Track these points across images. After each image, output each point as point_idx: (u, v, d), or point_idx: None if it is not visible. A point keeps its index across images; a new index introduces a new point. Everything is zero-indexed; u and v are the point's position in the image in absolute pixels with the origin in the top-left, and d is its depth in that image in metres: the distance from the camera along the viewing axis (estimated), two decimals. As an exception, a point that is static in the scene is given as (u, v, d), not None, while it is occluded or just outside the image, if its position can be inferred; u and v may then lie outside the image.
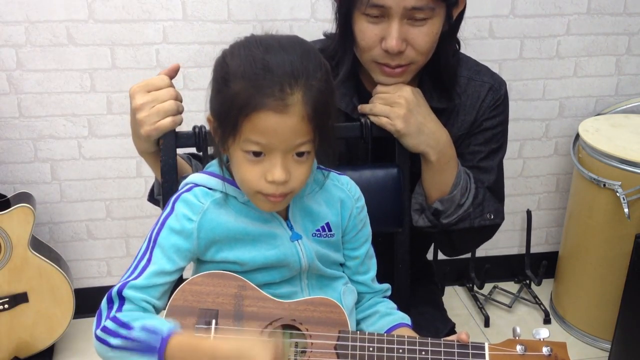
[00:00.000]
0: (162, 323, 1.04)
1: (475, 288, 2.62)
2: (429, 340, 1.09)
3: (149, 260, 1.08)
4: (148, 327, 1.03)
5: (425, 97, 1.37)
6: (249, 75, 1.00)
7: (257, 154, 1.03)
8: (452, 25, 1.36)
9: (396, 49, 1.26)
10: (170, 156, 1.30)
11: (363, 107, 1.37)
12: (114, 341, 1.03)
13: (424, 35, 1.28)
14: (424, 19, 1.27)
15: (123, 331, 1.03)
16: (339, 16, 1.35)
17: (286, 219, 1.15)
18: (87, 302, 2.26)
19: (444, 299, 2.42)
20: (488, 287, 2.64)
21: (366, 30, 1.29)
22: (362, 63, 1.36)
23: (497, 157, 1.47)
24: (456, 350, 1.08)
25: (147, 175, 2.30)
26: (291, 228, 1.14)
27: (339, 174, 1.23)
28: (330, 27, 1.41)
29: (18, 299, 2.08)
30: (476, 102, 1.43)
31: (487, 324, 2.46)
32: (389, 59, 1.30)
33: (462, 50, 1.48)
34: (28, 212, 2.01)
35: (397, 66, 1.31)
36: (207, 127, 1.11)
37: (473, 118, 1.44)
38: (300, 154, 1.04)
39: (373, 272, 1.26)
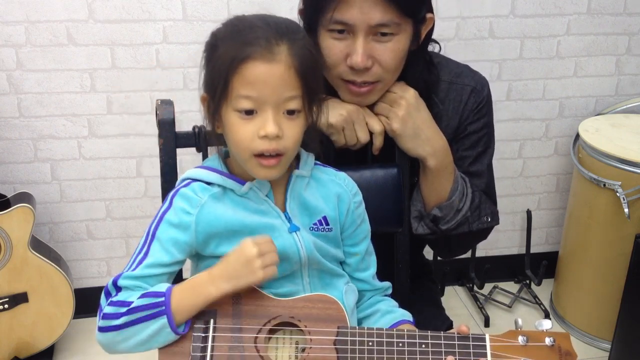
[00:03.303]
0: (158, 286, 1.07)
1: (475, 288, 2.62)
2: (429, 333, 1.09)
3: (146, 254, 1.10)
4: (146, 292, 1.06)
5: None
6: (235, 34, 1.05)
7: (249, 112, 1.05)
8: (421, 45, 1.34)
9: (361, 65, 1.25)
10: (170, 156, 1.31)
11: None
12: (117, 322, 1.05)
13: (390, 52, 1.26)
14: (390, 34, 1.25)
15: (123, 309, 1.05)
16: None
17: (284, 211, 1.15)
18: (87, 302, 2.26)
19: (444, 299, 2.43)
20: (488, 287, 2.64)
21: (331, 47, 1.27)
22: (329, 81, 1.33)
23: (485, 159, 1.47)
24: (457, 342, 1.08)
25: (147, 175, 2.31)
26: (289, 220, 1.15)
27: (337, 170, 1.24)
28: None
29: (18, 299, 2.08)
30: (459, 107, 1.42)
31: (487, 324, 2.46)
32: (355, 76, 1.28)
33: (462, 50, 1.48)
34: (28, 212, 2.02)
35: (363, 83, 1.29)
36: (202, 109, 1.14)
37: (457, 123, 1.43)
38: (291, 112, 1.07)
39: (373, 269, 1.27)
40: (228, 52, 1.04)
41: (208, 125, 1.14)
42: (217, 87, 1.05)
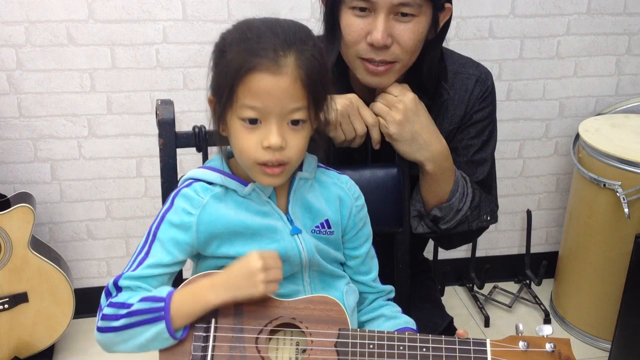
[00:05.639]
0: (159, 290, 1.07)
1: (475, 288, 2.62)
2: (430, 337, 1.08)
3: (146, 254, 1.10)
4: (146, 296, 1.05)
5: None
6: (244, 41, 1.05)
7: (253, 121, 1.05)
8: (438, 35, 1.35)
9: (382, 42, 1.26)
10: (170, 156, 1.30)
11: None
12: (116, 323, 1.05)
13: (410, 32, 1.28)
14: (410, 15, 1.27)
15: (123, 310, 1.05)
16: (326, 11, 1.35)
17: (286, 213, 1.15)
18: (87, 302, 2.26)
19: (444, 299, 2.43)
20: (488, 287, 2.64)
21: (352, 24, 1.29)
22: (347, 62, 1.36)
23: (489, 147, 1.48)
24: (457, 346, 1.08)
25: (147, 175, 2.31)
26: (291, 222, 1.15)
27: (339, 173, 1.24)
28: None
29: (18, 299, 2.08)
30: (464, 95, 1.44)
31: (487, 324, 2.46)
32: (373, 54, 1.29)
33: (462, 50, 1.48)
34: (28, 212, 2.01)
35: (381, 62, 1.30)
36: (209, 112, 1.14)
37: (463, 112, 1.44)
38: (295, 122, 1.06)
39: (374, 273, 1.27)
40: (235, 60, 1.03)
41: (213, 127, 1.13)
42: (223, 93, 1.05)
